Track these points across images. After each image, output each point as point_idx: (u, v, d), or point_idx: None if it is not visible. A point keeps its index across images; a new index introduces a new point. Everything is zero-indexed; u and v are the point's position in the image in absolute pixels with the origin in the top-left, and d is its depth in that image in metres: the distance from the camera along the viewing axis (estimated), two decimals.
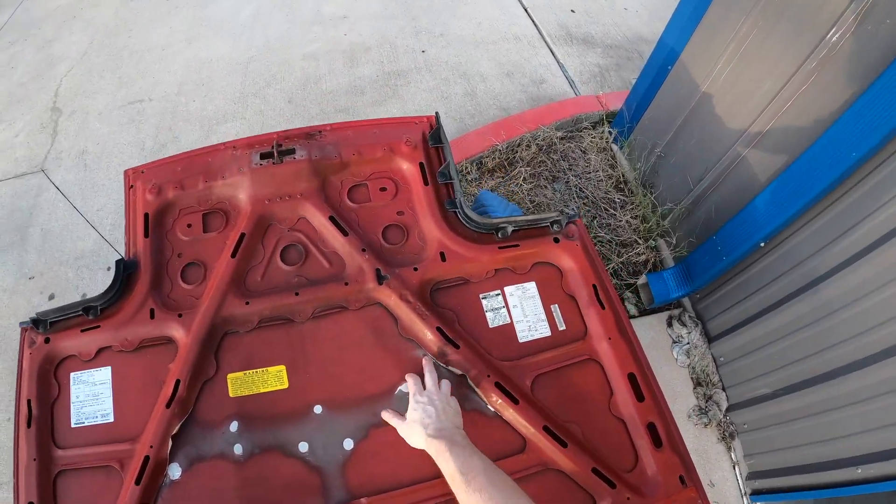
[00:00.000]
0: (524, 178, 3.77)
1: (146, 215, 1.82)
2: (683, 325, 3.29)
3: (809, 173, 2.31)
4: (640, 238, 3.55)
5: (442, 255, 1.74)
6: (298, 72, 4.83)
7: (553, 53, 4.91)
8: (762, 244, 2.64)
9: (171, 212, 1.86)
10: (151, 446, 1.46)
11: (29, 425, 1.50)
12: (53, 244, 3.85)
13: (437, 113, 2.01)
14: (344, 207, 1.86)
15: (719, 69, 2.84)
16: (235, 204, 1.85)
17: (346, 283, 1.69)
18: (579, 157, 3.94)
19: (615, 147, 3.97)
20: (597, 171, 3.82)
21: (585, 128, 4.18)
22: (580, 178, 3.83)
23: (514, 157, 3.91)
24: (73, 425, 1.53)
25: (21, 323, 1.63)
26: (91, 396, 1.56)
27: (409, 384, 1.51)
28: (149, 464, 1.44)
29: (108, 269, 3.66)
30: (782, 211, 2.47)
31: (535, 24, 5.18)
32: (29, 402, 1.53)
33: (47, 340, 1.61)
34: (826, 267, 2.35)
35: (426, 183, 1.88)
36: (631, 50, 5.00)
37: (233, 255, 1.73)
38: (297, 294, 1.67)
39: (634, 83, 3.71)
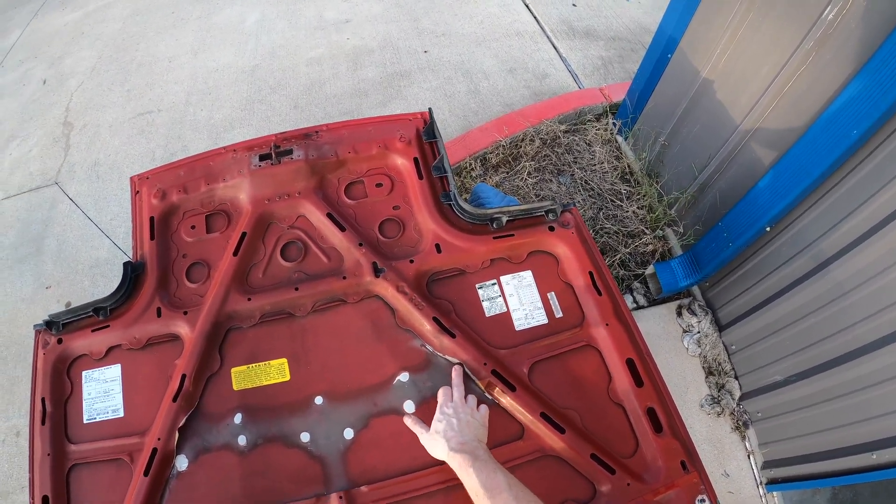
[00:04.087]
0: (529, 173, 3.78)
1: (151, 219, 1.89)
2: (693, 314, 3.27)
3: (811, 154, 2.28)
4: (647, 228, 3.54)
5: (437, 246, 1.76)
6: (303, 77, 4.88)
7: (555, 48, 4.91)
8: (768, 228, 2.62)
9: (175, 214, 1.92)
10: (159, 439, 1.51)
11: (43, 422, 1.57)
12: (69, 254, 3.94)
13: (429, 109, 2.04)
14: (341, 204, 1.90)
15: (718, 54, 2.83)
16: (237, 205, 1.91)
17: (345, 277, 1.72)
18: (584, 150, 3.94)
19: (620, 138, 3.97)
20: (602, 162, 3.82)
21: (589, 120, 4.17)
22: (585, 171, 3.83)
23: (518, 152, 3.92)
24: (85, 421, 1.60)
25: (35, 325, 1.70)
26: (102, 393, 1.63)
27: (439, 395, 1.51)
28: (157, 456, 1.49)
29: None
30: (786, 194, 2.44)
31: (537, 20, 5.18)
32: (43, 400, 1.60)
33: (60, 341, 1.67)
34: (834, 248, 2.32)
35: (420, 177, 1.91)
36: (634, 41, 4.99)
37: (235, 254, 1.78)
38: (296, 289, 1.71)
39: (636, 73, 3.70)
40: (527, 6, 5.32)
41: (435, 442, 1.40)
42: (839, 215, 2.27)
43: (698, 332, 3.24)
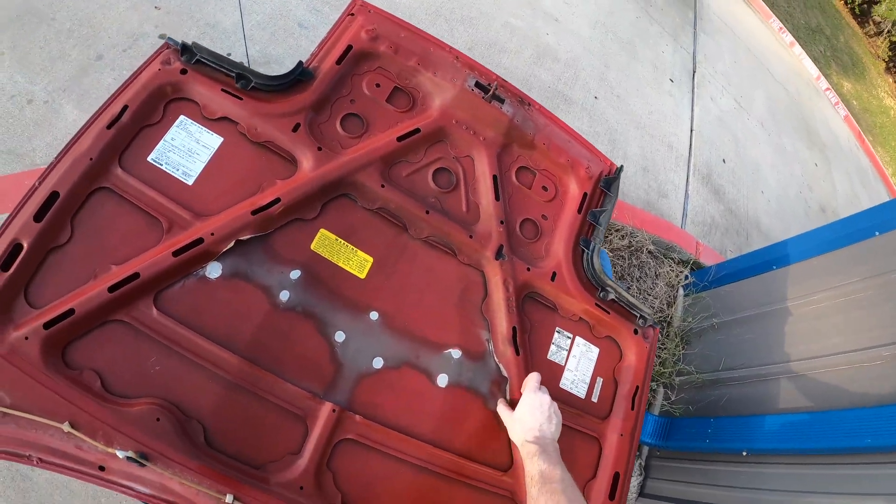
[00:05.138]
0: None
1: (349, 47, 1.79)
2: None
3: (822, 430, 2.41)
4: None
5: (554, 274, 1.82)
6: (492, 33, 4.83)
7: (687, 181, 5.01)
8: (745, 453, 2.71)
9: (370, 62, 1.84)
10: (213, 234, 1.40)
11: (109, 127, 1.39)
12: None
13: (622, 166, 2.10)
14: (507, 177, 1.93)
15: (812, 300, 2.92)
16: (427, 101, 1.89)
17: (471, 236, 1.74)
18: (650, 277, 4.03)
19: (682, 291, 4.07)
20: (656, 298, 3.91)
21: (672, 258, 4.27)
22: (640, 294, 3.91)
23: (607, 237, 3.99)
24: (148, 159, 1.43)
25: (169, 39, 1.53)
26: (186, 150, 1.48)
27: (532, 378, 1.58)
28: (198, 247, 1.38)
29: (228, 54, 3.66)
30: (783, 441, 2.57)
31: (691, 148, 5.28)
32: (126, 107, 1.42)
33: (184, 72, 1.51)
34: None
35: (579, 211, 1.97)
36: (742, 226, 5.11)
37: (399, 140, 1.75)
38: (427, 212, 1.70)
39: (736, 257, 3.82)
40: (691, 131, 5.41)
41: (515, 427, 1.50)
42: (806, 488, 2.38)
43: None
